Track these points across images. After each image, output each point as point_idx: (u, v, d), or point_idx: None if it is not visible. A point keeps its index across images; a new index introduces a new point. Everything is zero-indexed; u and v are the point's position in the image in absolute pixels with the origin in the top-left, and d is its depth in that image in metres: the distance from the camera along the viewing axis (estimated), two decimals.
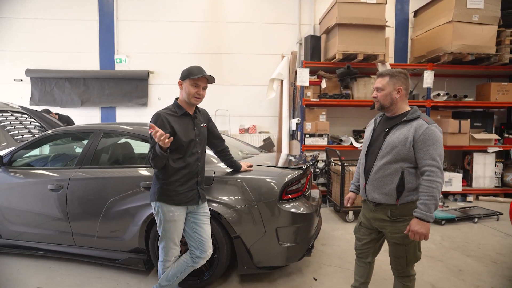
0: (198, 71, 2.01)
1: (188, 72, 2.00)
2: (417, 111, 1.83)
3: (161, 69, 5.89)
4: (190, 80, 1.99)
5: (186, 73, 2.01)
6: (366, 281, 2.19)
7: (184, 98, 2.04)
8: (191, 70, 2.00)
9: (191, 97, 2.01)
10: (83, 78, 5.76)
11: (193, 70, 2.00)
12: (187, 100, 2.03)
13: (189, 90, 2.00)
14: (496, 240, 3.65)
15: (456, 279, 2.73)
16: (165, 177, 1.99)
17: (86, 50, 5.83)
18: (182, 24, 5.89)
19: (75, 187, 2.78)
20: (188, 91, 2.00)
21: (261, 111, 6.15)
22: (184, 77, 2.01)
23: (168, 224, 2.01)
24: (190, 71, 2.00)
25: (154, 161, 1.87)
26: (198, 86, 2.01)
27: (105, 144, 3.10)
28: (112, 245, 2.73)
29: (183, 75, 2.03)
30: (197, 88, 2.01)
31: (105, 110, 5.90)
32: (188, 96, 2.01)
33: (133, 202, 2.58)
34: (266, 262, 2.51)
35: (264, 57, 6.06)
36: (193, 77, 1.98)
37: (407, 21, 6.17)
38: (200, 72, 2.00)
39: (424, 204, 1.69)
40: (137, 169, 2.71)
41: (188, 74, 2.00)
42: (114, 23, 5.79)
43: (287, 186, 2.48)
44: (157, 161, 1.88)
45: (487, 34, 5.03)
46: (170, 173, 1.99)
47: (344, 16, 4.88)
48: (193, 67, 2.02)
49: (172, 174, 1.99)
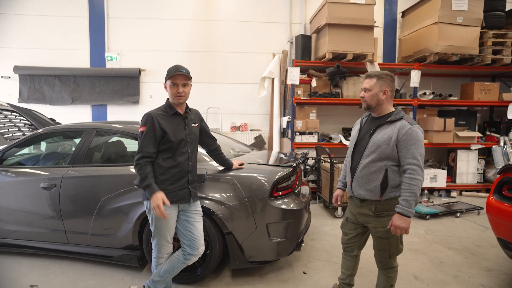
0: (174, 69, 2.04)
1: (167, 73, 2.06)
2: (401, 112, 1.93)
3: (153, 67, 5.88)
4: (169, 81, 2.05)
5: (166, 74, 2.07)
6: (352, 273, 2.30)
7: (171, 99, 2.10)
8: (169, 71, 2.06)
9: (174, 97, 2.06)
10: (73, 76, 5.71)
11: (170, 70, 2.05)
12: (173, 100, 2.09)
13: (170, 90, 2.06)
14: (476, 234, 3.83)
15: (437, 270, 2.88)
16: (156, 175, 2.03)
17: (76, 47, 5.78)
18: (173, 22, 5.89)
19: (68, 185, 2.81)
20: (170, 92, 2.07)
21: (252, 109, 6.21)
22: (165, 79, 2.09)
23: (160, 222, 2.06)
24: (168, 71, 2.06)
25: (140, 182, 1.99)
26: (176, 84, 2.04)
27: (98, 143, 3.12)
28: (106, 242, 2.77)
29: (165, 77, 2.09)
30: (176, 87, 2.04)
31: (96, 108, 5.87)
32: (172, 96, 2.07)
33: (127, 200, 2.62)
34: (257, 257, 2.60)
35: (255, 55, 6.11)
36: (168, 77, 2.04)
37: (395, 22, 6.30)
38: (176, 70, 2.03)
39: (405, 200, 1.81)
40: (130, 167, 2.75)
41: (167, 75, 2.06)
42: (104, 20, 5.75)
43: (277, 184, 2.56)
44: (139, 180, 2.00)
45: (471, 35, 5.21)
46: (160, 172, 2.04)
47: (334, 16, 4.97)
48: (171, 67, 2.07)
49: (162, 173, 2.05)
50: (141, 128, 2.01)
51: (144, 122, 2.02)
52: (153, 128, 1.99)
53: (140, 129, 2.01)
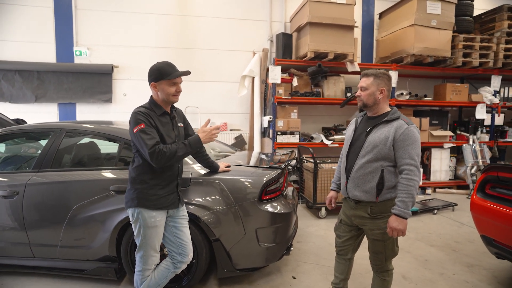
0: (172, 69, 1.88)
1: (160, 72, 1.85)
2: (397, 112, 1.89)
3: (127, 63, 5.54)
4: (167, 81, 1.87)
5: (158, 73, 1.85)
6: (346, 277, 2.23)
7: (163, 98, 1.91)
8: (163, 70, 1.85)
9: (170, 96, 1.90)
10: (36, 71, 5.22)
11: (167, 69, 1.86)
12: (167, 100, 1.91)
13: (167, 90, 1.88)
14: (454, 230, 3.96)
15: (423, 269, 2.91)
16: (146, 180, 1.85)
17: (40, 40, 5.29)
18: (149, 16, 5.58)
19: (33, 192, 2.51)
20: (166, 92, 1.88)
21: (232, 109, 6.05)
22: (157, 78, 1.86)
23: (149, 231, 1.88)
24: (163, 71, 1.85)
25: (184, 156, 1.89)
26: (176, 84, 1.91)
27: (68, 145, 2.84)
28: (78, 255, 2.51)
29: (155, 76, 1.86)
30: (175, 86, 1.90)
31: (63, 107, 5.42)
32: (168, 96, 1.90)
33: (103, 207, 2.39)
34: (246, 264, 2.48)
35: (235, 53, 5.96)
36: (169, 78, 1.86)
37: (372, 23, 6.42)
38: (175, 70, 1.89)
39: (402, 201, 1.76)
40: (106, 171, 2.51)
41: (161, 74, 1.85)
42: (72, 11, 5.31)
43: (266, 186, 2.45)
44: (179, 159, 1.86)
45: (444, 38, 5.41)
46: (151, 176, 1.86)
47: (316, 15, 4.95)
48: (163, 65, 1.87)
49: (153, 177, 1.87)
50: (138, 126, 1.76)
51: (138, 119, 1.78)
52: (150, 124, 1.80)
53: (136, 128, 1.76)
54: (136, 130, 1.76)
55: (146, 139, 1.74)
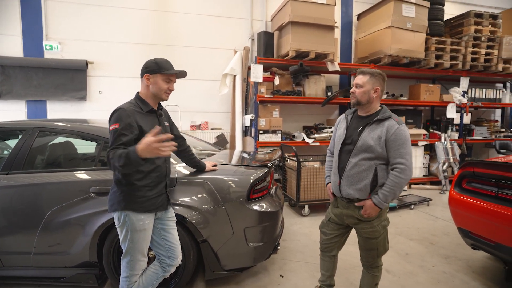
0: (170, 66, 1.86)
1: (158, 66, 1.81)
2: (388, 111, 1.93)
3: (103, 59, 5.28)
4: (162, 75, 1.81)
5: (155, 66, 1.81)
6: (332, 274, 2.27)
7: (154, 93, 1.84)
8: (162, 64, 1.82)
9: (162, 93, 1.84)
10: (1, 66, 4.86)
11: (164, 64, 1.83)
12: (157, 95, 1.84)
13: (160, 85, 1.82)
14: (430, 223, 4.14)
15: (404, 262, 3.01)
16: (133, 182, 1.75)
17: (5, 32, 4.92)
18: (127, 10, 5.36)
19: (2, 196, 2.32)
20: (159, 87, 1.82)
21: (213, 107, 5.96)
22: (153, 71, 1.80)
23: (137, 234, 1.79)
24: (160, 64, 1.81)
25: (124, 168, 1.56)
26: (170, 81, 1.86)
27: (41, 144, 2.65)
28: (55, 262, 2.36)
29: (151, 68, 1.81)
30: (169, 83, 1.86)
31: (32, 104, 5.08)
32: (159, 91, 1.83)
33: (82, 211, 2.25)
34: (234, 264, 2.44)
35: (216, 51, 5.87)
36: (167, 72, 1.81)
37: (351, 24, 6.57)
38: (172, 67, 1.86)
39: (383, 194, 1.85)
40: (84, 172, 2.37)
41: (158, 67, 1.80)
42: (41, 3, 4.98)
43: (254, 185, 2.42)
44: (127, 169, 1.61)
45: (418, 40, 5.65)
46: (139, 177, 1.76)
47: (297, 15, 4.98)
48: (162, 60, 1.85)
49: (141, 178, 1.77)
50: (114, 125, 1.65)
51: (117, 118, 1.67)
52: (129, 126, 1.67)
53: (112, 126, 1.66)
54: (112, 128, 1.67)
55: (113, 141, 1.63)
